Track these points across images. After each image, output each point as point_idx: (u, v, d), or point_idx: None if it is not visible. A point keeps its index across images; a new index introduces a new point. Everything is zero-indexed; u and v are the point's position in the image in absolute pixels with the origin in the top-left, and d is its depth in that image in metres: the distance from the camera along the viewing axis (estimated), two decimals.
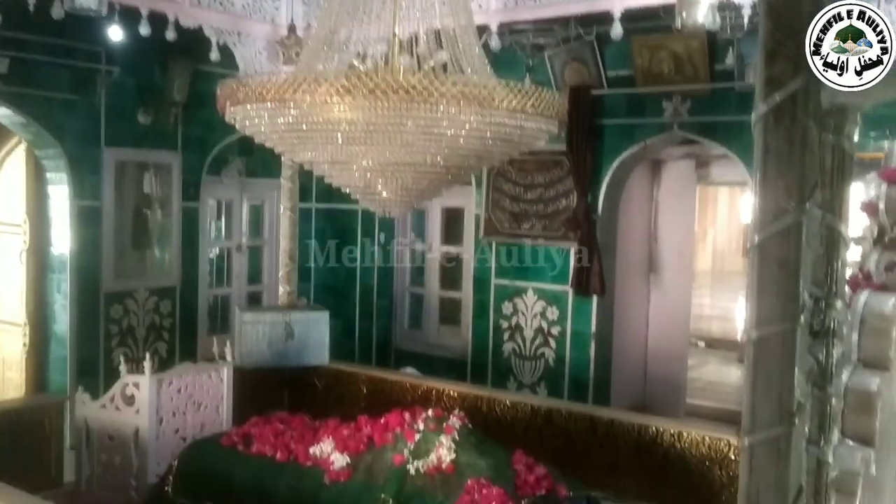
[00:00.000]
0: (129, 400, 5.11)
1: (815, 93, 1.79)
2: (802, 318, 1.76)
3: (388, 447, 4.30)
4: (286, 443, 4.56)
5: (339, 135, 3.61)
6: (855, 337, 2.68)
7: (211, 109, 4.20)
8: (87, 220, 6.84)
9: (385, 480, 4.06)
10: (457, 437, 4.27)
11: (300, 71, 3.75)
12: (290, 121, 3.57)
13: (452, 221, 8.74)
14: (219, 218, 8.44)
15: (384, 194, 4.07)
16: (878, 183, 3.04)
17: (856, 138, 3.96)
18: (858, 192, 3.41)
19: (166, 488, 4.67)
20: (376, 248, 8.80)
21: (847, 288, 2.87)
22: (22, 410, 5.62)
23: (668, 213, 8.68)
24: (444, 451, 4.14)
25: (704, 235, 16.27)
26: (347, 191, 4.21)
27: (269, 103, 3.57)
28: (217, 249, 8.36)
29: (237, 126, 3.92)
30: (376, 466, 4.20)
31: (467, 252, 8.32)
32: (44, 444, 5.48)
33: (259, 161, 8.07)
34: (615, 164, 7.28)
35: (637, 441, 5.11)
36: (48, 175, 6.88)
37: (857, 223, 3.18)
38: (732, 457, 4.74)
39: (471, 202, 8.14)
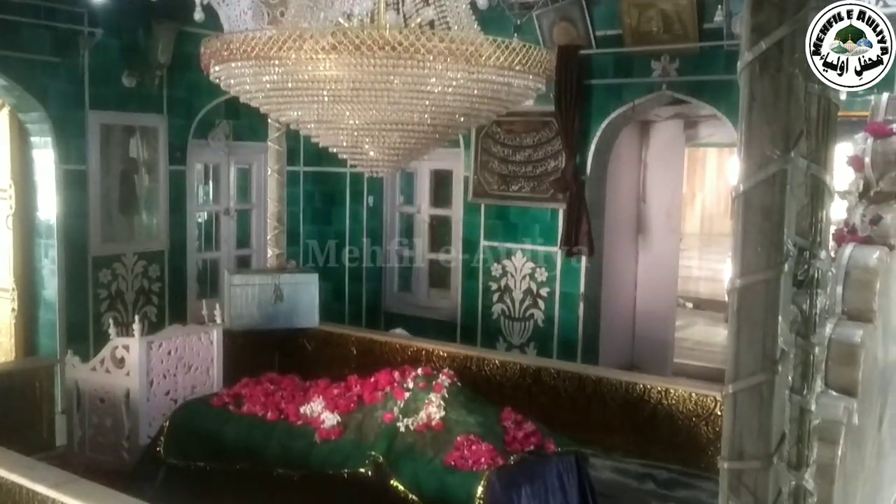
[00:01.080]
0: (120, 363, 5.12)
1: (801, 41, 1.78)
2: (786, 267, 1.77)
3: (378, 406, 4.34)
4: (276, 403, 4.59)
5: (325, 93, 3.59)
6: (839, 290, 2.72)
7: (196, 72, 4.16)
8: (73, 184, 6.79)
9: (375, 438, 4.09)
10: (446, 395, 4.31)
11: (285, 28, 3.71)
12: (276, 79, 3.54)
13: (441, 184, 8.72)
14: (206, 182, 8.39)
15: (371, 154, 4.05)
16: (864, 137, 3.06)
17: (843, 95, 3.94)
18: (847, 151, 3.43)
19: (158, 449, 4.69)
20: (365, 210, 8.79)
21: (832, 241, 2.90)
22: (12, 374, 5.62)
23: (657, 173, 8.69)
24: (433, 409, 4.18)
25: (693, 198, 16.31)
26: (335, 151, 4.19)
27: (253, 61, 3.53)
28: (205, 214, 8.32)
29: (222, 85, 3.88)
30: (366, 425, 4.23)
31: (456, 214, 8.32)
32: (35, 407, 5.50)
33: (246, 124, 8.01)
34: (603, 124, 7.27)
35: (625, 398, 5.18)
36: (32, 139, 6.81)
37: (843, 178, 3.21)
38: (718, 413, 4.80)
39: (459, 164, 8.12)
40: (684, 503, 4.53)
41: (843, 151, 3.26)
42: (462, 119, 3.90)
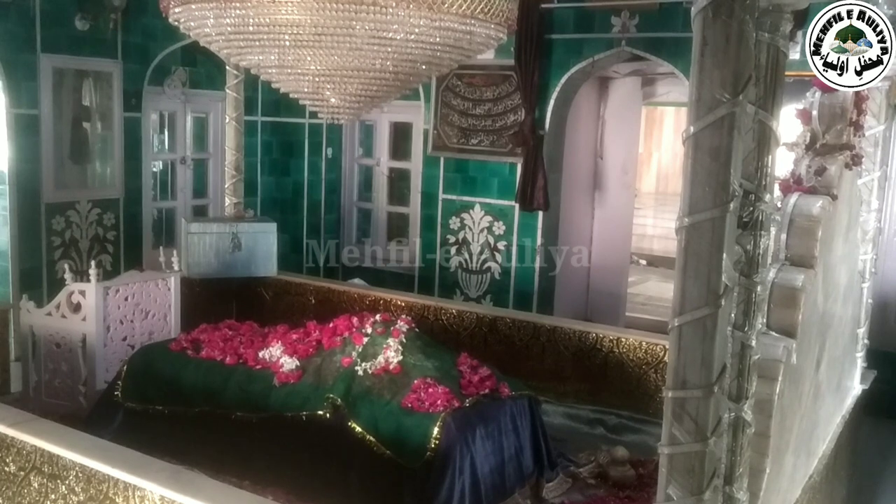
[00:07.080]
0: (76, 308, 5.09)
1: None
2: (732, 207, 1.86)
3: (337, 350, 4.39)
4: (235, 348, 4.62)
5: (286, 37, 3.58)
6: (783, 236, 2.84)
7: (152, 16, 4.10)
8: (24, 129, 6.64)
9: (334, 381, 4.15)
10: (404, 340, 4.37)
11: None
12: (237, 21, 3.52)
13: (400, 136, 8.73)
14: (161, 130, 8.28)
15: (332, 100, 4.05)
16: (812, 91, 3.16)
17: (797, 56, 4.04)
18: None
19: (116, 393, 4.71)
20: (323, 162, 8.76)
21: (779, 191, 3.01)
22: None
23: (614, 130, 8.78)
24: (391, 354, 4.25)
25: (650, 158, 16.52)
26: (295, 97, 4.18)
27: (214, 3, 3.51)
28: (160, 162, 8.23)
29: (181, 27, 3.84)
30: (325, 368, 4.28)
31: (415, 167, 8.35)
32: None
33: (203, 72, 7.92)
34: (563, 79, 7.32)
35: (578, 347, 5.31)
36: None
37: (792, 131, 3.31)
38: (667, 361, 4.95)
39: (419, 117, 8.13)
40: (632, 446, 4.69)
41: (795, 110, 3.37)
42: (424, 67, 3.92)
